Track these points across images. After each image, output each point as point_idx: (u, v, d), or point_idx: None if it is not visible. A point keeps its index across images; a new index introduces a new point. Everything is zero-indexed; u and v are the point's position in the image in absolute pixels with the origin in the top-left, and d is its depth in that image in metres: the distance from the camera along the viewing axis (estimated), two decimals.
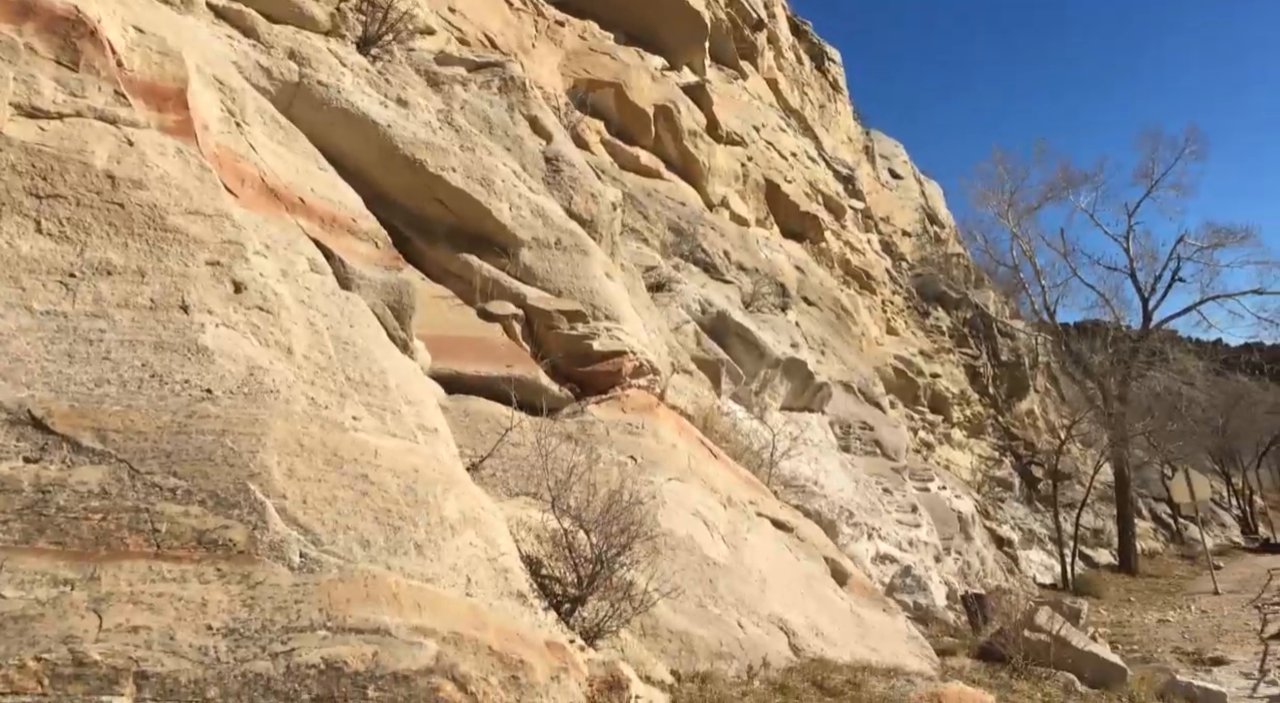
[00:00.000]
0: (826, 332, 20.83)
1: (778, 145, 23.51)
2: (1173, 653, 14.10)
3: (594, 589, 5.40)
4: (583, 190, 9.20)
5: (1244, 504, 45.45)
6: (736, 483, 7.61)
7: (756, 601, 6.58)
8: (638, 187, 18.49)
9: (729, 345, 15.02)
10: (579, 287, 7.22)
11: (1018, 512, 26.98)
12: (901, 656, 7.55)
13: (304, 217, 5.57)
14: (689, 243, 18.37)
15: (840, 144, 28.47)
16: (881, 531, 15.89)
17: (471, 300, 6.76)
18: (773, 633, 6.41)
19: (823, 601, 7.36)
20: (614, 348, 6.95)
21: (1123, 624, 18.48)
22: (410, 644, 4.03)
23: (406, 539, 4.40)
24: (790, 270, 21.33)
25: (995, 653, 8.47)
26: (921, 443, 24.61)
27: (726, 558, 6.70)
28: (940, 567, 16.86)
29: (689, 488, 6.84)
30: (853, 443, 17.84)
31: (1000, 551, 22.44)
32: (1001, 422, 30.19)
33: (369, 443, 4.65)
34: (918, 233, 32.26)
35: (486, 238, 7.05)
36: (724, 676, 5.68)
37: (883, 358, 23.55)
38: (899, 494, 17.10)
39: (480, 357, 6.42)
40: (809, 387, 17.02)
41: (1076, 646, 9.28)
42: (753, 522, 7.29)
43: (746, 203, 21.80)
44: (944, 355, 27.55)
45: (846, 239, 25.39)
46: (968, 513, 19.58)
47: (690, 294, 15.08)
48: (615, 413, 6.84)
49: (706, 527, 6.72)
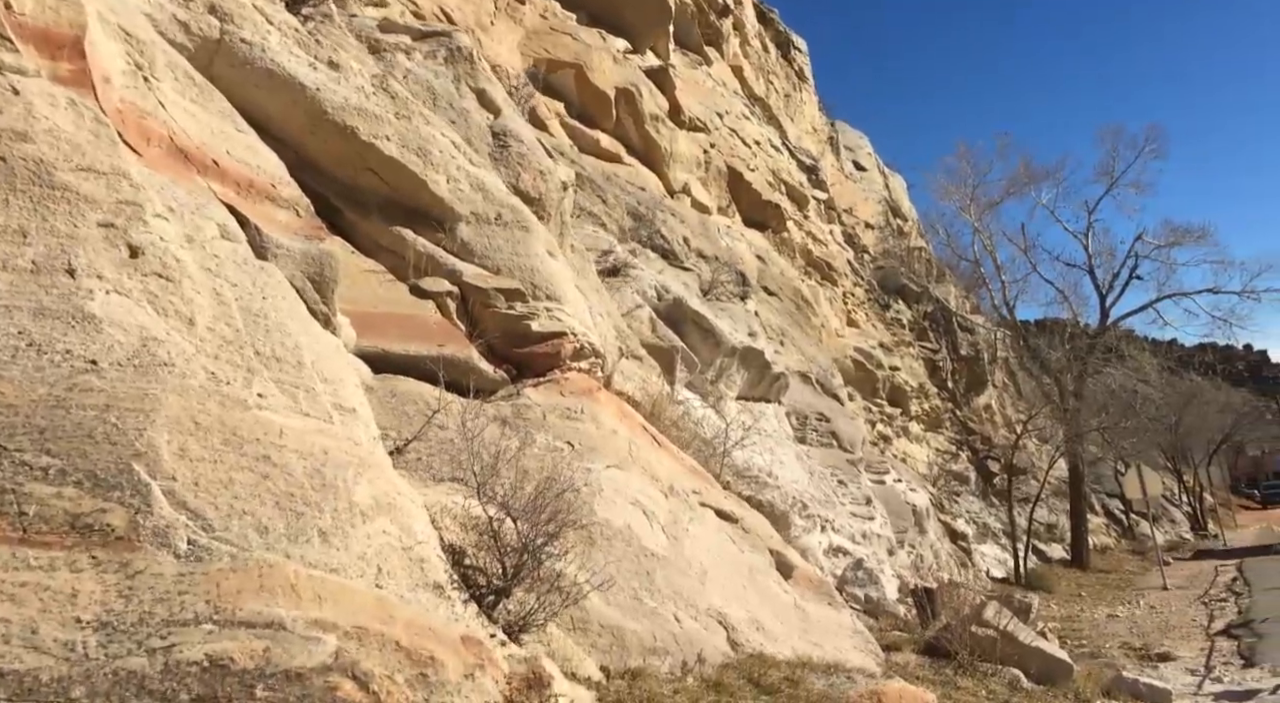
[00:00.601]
0: (786, 322, 20.68)
1: (741, 133, 23.28)
2: (1120, 649, 14.12)
3: (520, 581, 5.12)
4: (531, 167, 8.88)
5: (1194, 501, 46.26)
6: (680, 472, 7.36)
7: (696, 593, 6.34)
8: (597, 170, 18.17)
9: (685, 333, 14.77)
10: (519, 264, 6.91)
11: (973, 506, 27.09)
12: (845, 651, 7.36)
13: (217, 180, 5.21)
14: (648, 229, 18.10)
15: (805, 134, 28.31)
16: (835, 523, 15.76)
17: (404, 276, 6.43)
18: (711, 627, 6.18)
19: (766, 594, 7.14)
20: (553, 329, 6.66)
21: (1073, 619, 18.56)
22: (307, 640, 3.73)
23: (310, 526, 4.09)
24: (751, 259, 21.13)
25: (941, 649, 8.32)
26: (879, 436, 24.58)
27: (666, 549, 6.44)
28: (893, 560, 16.79)
29: (629, 476, 6.57)
30: (809, 434, 17.70)
31: (955, 544, 22.50)
32: (959, 416, 30.30)
33: (274, 422, 4.33)
34: (880, 225, 32.24)
35: (422, 211, 6.72)
36: (656, 672, 5.43)
37: (842, 350, 23.46)
38: (854, 487, 16.99)
39: (410, 335, 6.09)
40: (766, 376, 16.83)
41: (1023, 641, 9.17)
42: (695, 512, 7.05)
43: (708, 190, 21.55)
44: (904, 349, 27.55)
45: (809, 230, 25.25)
46: (922, 506, 19.56)
47: (646, 280, 14.80)
48: (553, 397, 6.55)
49: (646, 517, 6.46)
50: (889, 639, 8.88)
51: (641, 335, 13.67)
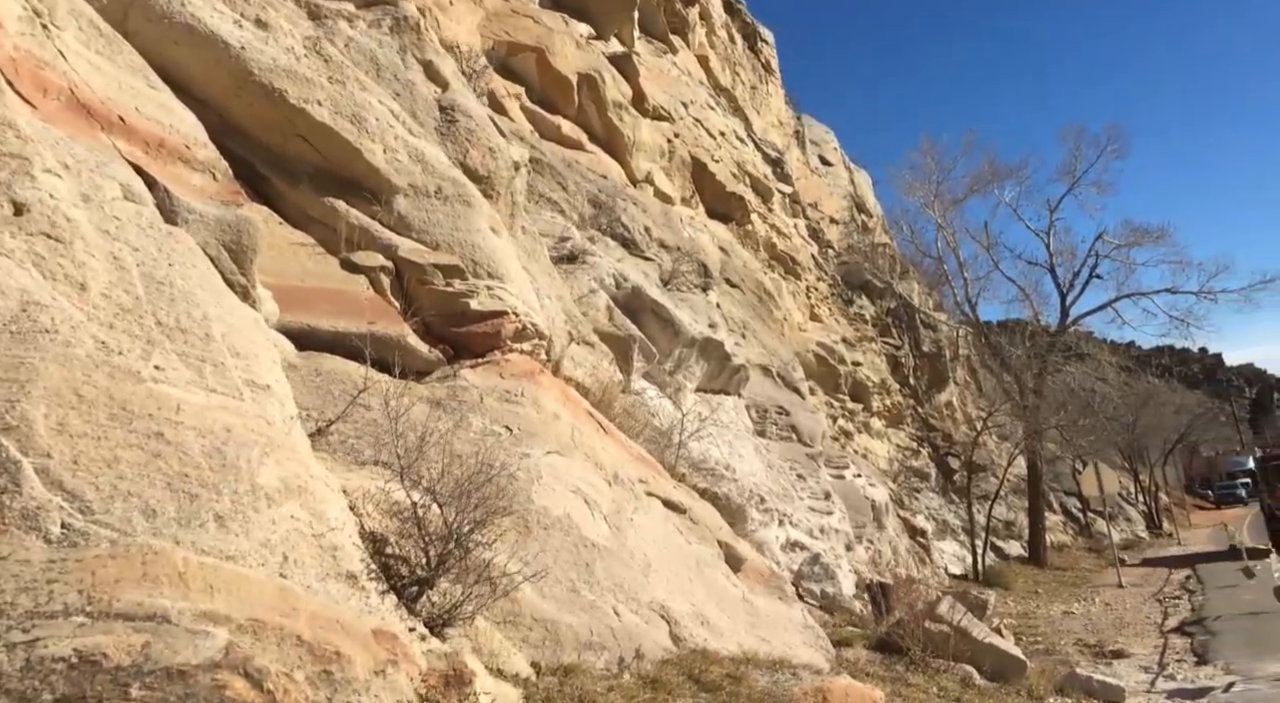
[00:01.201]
0: (748, 314, 20.47)
1: (706, 123, 23.02)
2: (1075, 645, 14.07)
3: (445, 571, 4.81)
4: (480, 144, 8.54)
5: (1150, 500, 46.84)
6: (627, 460, 7.07)
7: (638, 586, 6.06)
8: (558, 157, 17.82)
9: (643, 322, 14.49)
10: (459, 240, 6.57)
11: (933, 502, 27.10)
12: (794, 647, 7.13)
13: (123, 138, 4.83)
14: (608, 217, 17.79)
15: (770, 127, 28.12)
16: (793, 517, 15.57)
17: (336, 249, 6.07)
18: (653, 621, 5.90)
19: (713, 587, 6.88)
20: (494, 308, 6.33)
21: (1028, 616, 18.56)
22: (194, 634, 3.40)
23: (205, 510, 3.75)
24: (713, 250, 20.89)
25: (893, 645, 8.12)
26: (840, 431, 24.49)
27: (608, 540, 6.16)
28: (851, 555, 16.64)
29: (570, 463, 6.27)
30: (769, 428, 17.50)
31: (913, 540, 22.44)
32: (921, 412, 30.32)
33: (171, 396, 3.98)
34: (845, 220, 32.15)
35: (357, 182, 6.35)
36: (591, 668, 5.14)
37: (804, 344, 23.31)
38: (813, 481, 16.81)
39: (340, 311, 5.74)
40: (726, 368, 16.60)
41: (976, 638, 9.01)
42: (641, 502, 6.77)
43: (672, 180, 21.27)
44: (866, 344, 27.48)
45: (773, 223, 25.06)
46: (882, 502, 19.45)
47: (605, 268, 14.49)
48: (492, 379, 6.23)
49: (587, 505, 6.17)
50: (841, 635, 8.67)
51: (598, 323, 13.36)
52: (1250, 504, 63.25)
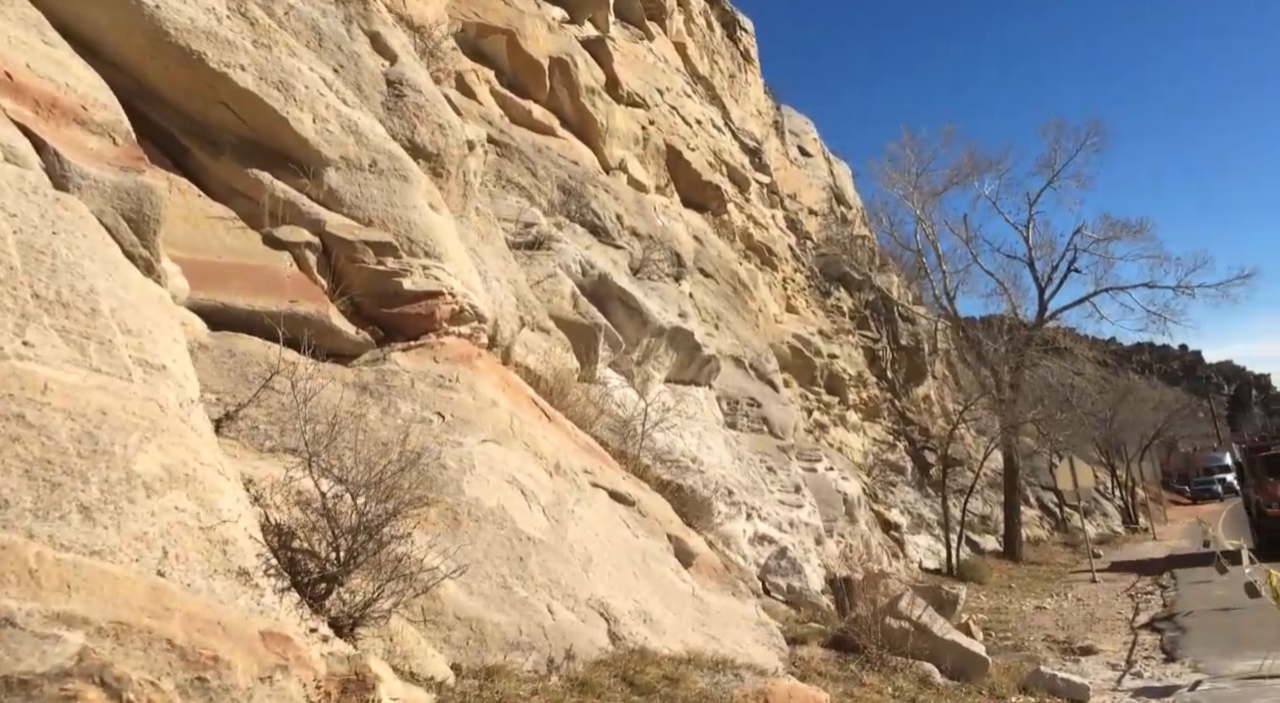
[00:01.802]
0: (722, 305, 20.18)
1: (682, 111, 22.67)
2: (1044, 641, 13.88)
3: (358, 566, 4.49)
4: (429, 120, 8.18)
5: (1126, 495, 46.95)
6: (571, 449, 6.76)
7: (576, 582, 5.75)
8: (527, 142, 17.45)
9: (610, 311, 14.17)
10: (395, 216, 6.22)
11: (908, 496, 26.95)
12: (745, 645, 6.84)
13: (9, 96, 4.46)
14: (579, 204, 17.45)
15: (749, 116, 27.81)
16: (762, 510, 15.30)
17: (259, 224, 5.71)
18: (590, 619, 5.59)
19: (659, 583, 6.58)
20: (428, 288, 5.99)
21: (1000, 611, 18.39)
22: (43, 638, 3.06)
23: (68, 500, 3.40)
24: (688, 240, 20.57)
25: (850, 643, 7.84)
26: (816, 424, 24.27)
27: (546, 533, 5.84)
28: (821, 549, 16.40)
29: (508, 452, 5.95)
30: (740, 419, 17.23)
31: (887, 534, 22.26)
32: (898, 406, 30.16)
33: (38, 375, 3.62)
34: (824, 212, 31.89)
35: (284, 153, 5.99)
36: (518, 670, 4.83)
37: (780, 335, 23.05)
38: (783, 474, 16.55)
39: (258, 288, 5.39)
40: (696, 359, 16.31)
41: (938, 634, 8.77)
42: (584, 493, 6.46)
43: (646, 168, 20.92)
44: (843, 337, 27.25)
45: (750, 213, 24.76)
46: (854, 495, 19.23)
47: (571, 254, 14.16)
48: (425, 362, 5.90)
49: (524, 497, 5.85)
50: (798, 632, 8.40)
51: (561, 311, 13.03)
52: (1226, 500, 63.79)
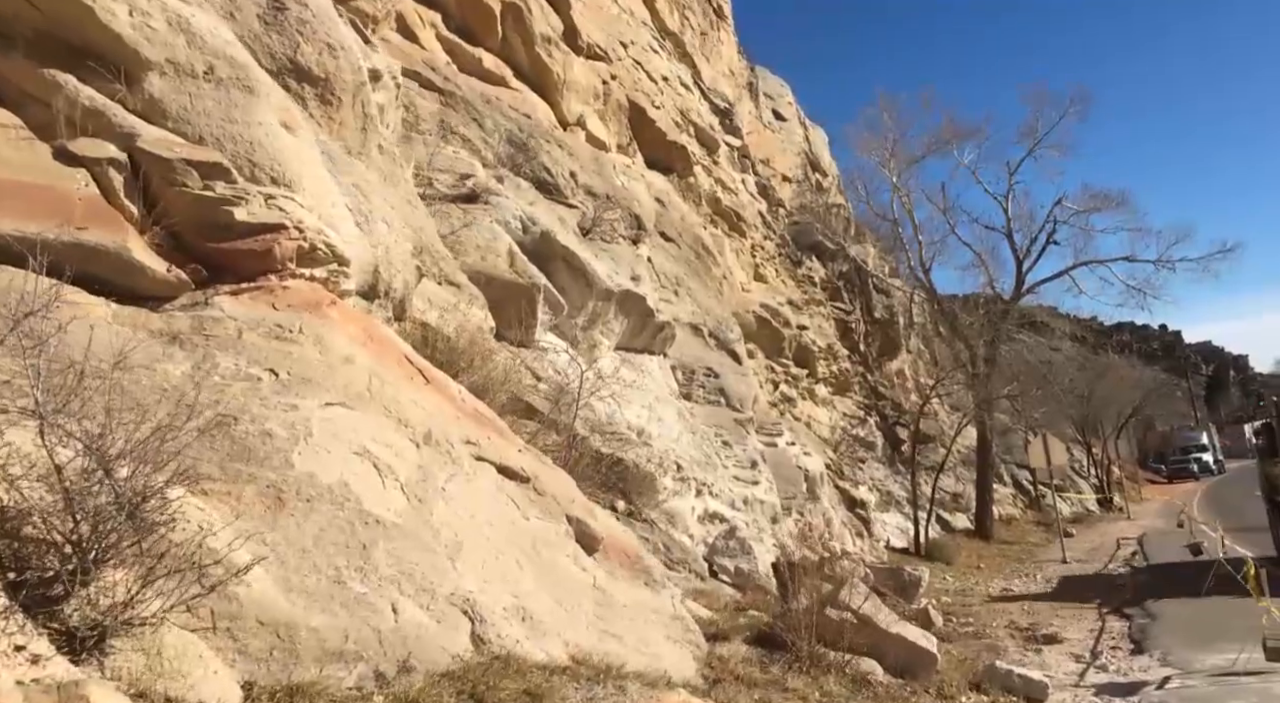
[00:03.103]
0: (683, 270, 19.22)
1: (647, 67, 21.57)
2: (1007, 628, 13.12)
3: (107, 559, 3.53)
4: (316, 39, 7.14)
5: (1101, 473, 46.51)
6: (452, 417, 5.80)
7: (438, 574, 4.82)
8: (475, 92, 16.36)
9: (553, 271, 13.21)
10: (234, 135, 5.22)
11: (878, 473, 26.20)
12: (651, 644, 5.95)
13: None
14: (529, 159, 16.41)
15: (721, 76, 26.68)
16: (714, 487, 14.46)
17: (53, 135, 4.72)
18: (449, 619, 4.67)
19: (551, 573, 5.66)
20: (268, 220, 4.99)
21: (965, 593, 17.67)
22: None
23: None
24: (649, 201, 19.56)
25: (778, 638, 6.97)
26: (782, 397, 23.43)
27: (403, 515, 4.90)
28: (777, 528, 15.58)
29: (361, 418, 4.99)
30: (695, 390, 16.33)
31: (852, 512, 21.51)
32: (870, 380, 29.36)
33: None
34: (799, 179, 30.86)
35: (94, 52, 4.97)
36: (332, 687, 3.90)
37: (747, 304, 22.13)
38: (739, 448, 15.69)
39: (37, 211, 4.39)
40: (649, 325, 15.37)
41: (882, 627, 7.92)
42: (462, 468, 5.51)
43: (606, 125, 19.86)
44: (814, 307, 26.37)
45: (718, 176, 23.74)
46: (816, 471, 18.41)
47: (511, 209, 13.15)
48: (260, 309, 4.92)
49: (377, 471, 4.91)
50: (725, 625, 7.51)
51: (496, 269, 12.08)
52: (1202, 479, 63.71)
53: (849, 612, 8.03)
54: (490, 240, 12.20)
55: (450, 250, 11.93)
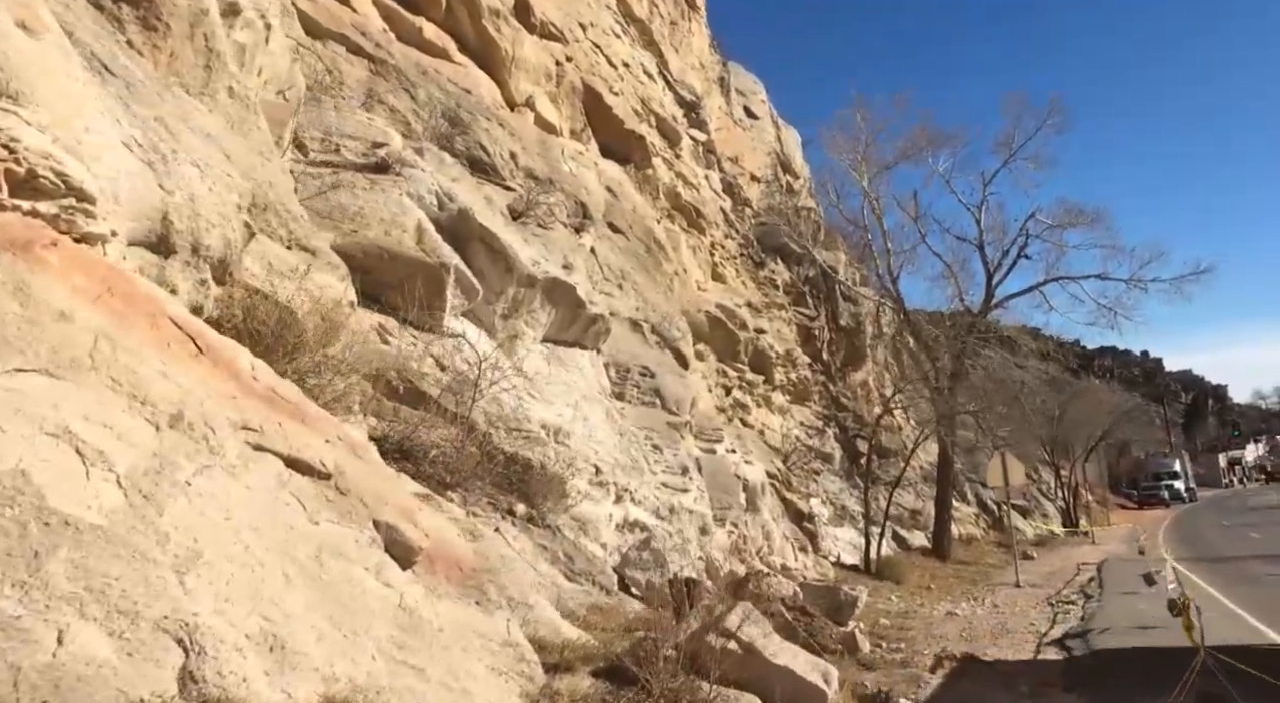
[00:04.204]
0: (630, 264, 18.28)
1: (607, 51, 20.63)
2: (936, 654, 12.22)
3: None
4: None
5: (1069, 495, 45.84)
6: (223, 396, 4.83)
7: (152, 591, 3.84)
8: (411, 63, 15.39)
9: (470, 252, 12.24)
10: None
11: (833, 485, 25.33)
12: (464, 678, 4.99)
13: None
14: (466, 137, 15.46)
15: (690, 69, 25.76)
16: (638, 493, 13.53)
17: None
18: (147, 650, 3.68)
19: (335, 590, 4.69)
20: None
21: (907, 615, 16.77)
22: None
23: None
24: (598, 190, 18.62)
25: (627, 672, 6.03)
26: (735, 402, 22.53)
27: (112, 515, 3.93)
28: (707, 540, 14.66)
29: (68, 390, 4.02)
30: (629, 390, 15.39)
31: (799, 525, 20.62)
32: (832, 390, 28.50)
33: None
34: (768, 179, 29.95)
35: None
36: None
37: (700, 303, 21.22)
38: (670, 452, 14.76)
39: None
40: (580, 318, 14.42)
41: (768, 658, 7.00)
42: (223, 458, 4.55)
43: (558, 108, 18.91)
44: (775, 311, 25.47)
45: (680, 170, 22.82)
46: (757, 481, 17.50)
47: (426, 184, 12.20)
48: None
49: (81, 458, 3.93)
50: (584, 653, 6.55)
51: (400, 246, 11.12)
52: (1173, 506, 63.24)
53: (734, 640, 7.11)
54: (397, 214, 11.24)
55: (349, 222, 10.99)
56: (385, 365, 10.49)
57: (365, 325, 10.47)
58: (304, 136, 11.46)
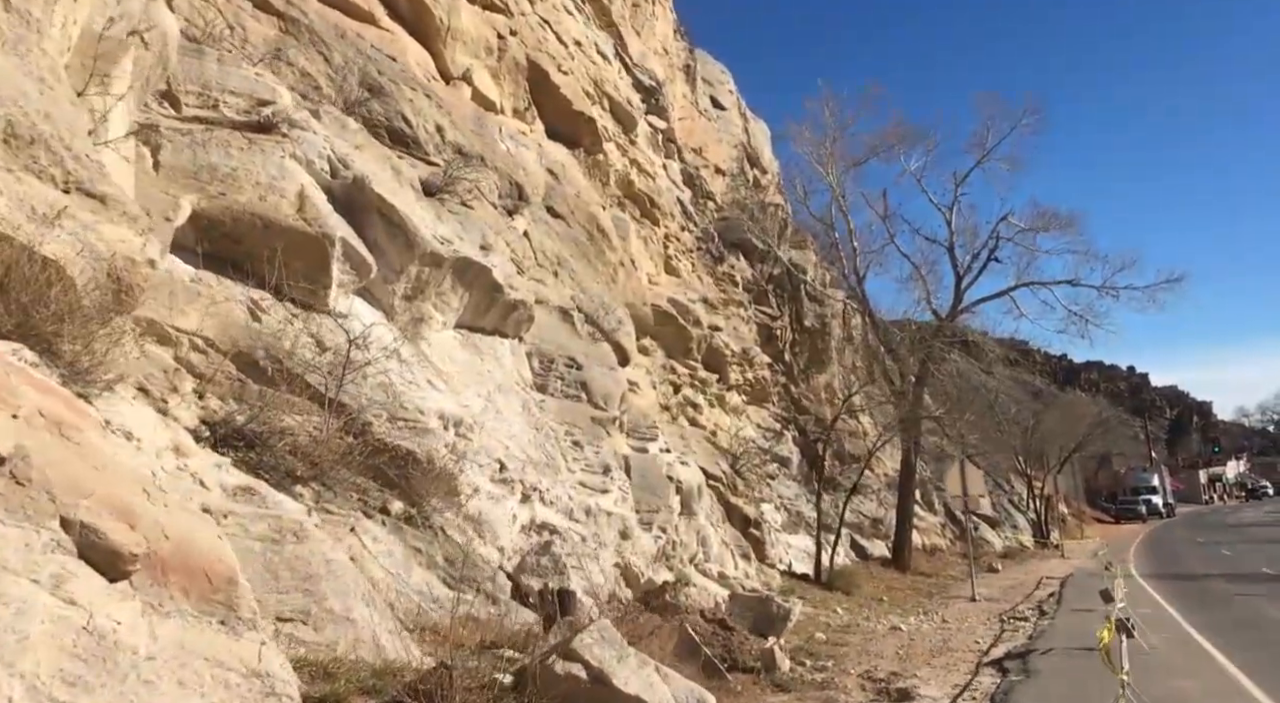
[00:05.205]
0: (569, 251, 17.25)
1: (557, 27, 19.59)
2: (860, 677, 11.26)
3: None
4: None
5: (1041, 507, 44.93)
6: None
7: None
8: (328, 24, 14.34)
9: (365, 224, 11.17)
10: None
11: (788, 491, 24.33)
12: None
13: None
14: (386, 106, 14.41)
15: (651, 53, 24.73)
16: (549, 492, 12.50)
17: None
18: None
19: None
20: None
21: (848, 630, 15.79)
22: None
23: None
24: (538, 172, 17.59)
25: None
26: (686, 401, 21.51)
27: None
28: (629, 544, 13.64)
29: None
30: (552, 382, 14.35)
31: (745, 532, 19.60)
32: (793, 392, 27.51)
33: None
34: (734, 172, 28.93)
35: None
36: None
37: (648, 296, 20.18)
38: (592, 450, 13.74)
39: None
40: (498, 303, 13.38)
41: (618, 687, 5.96)
42: None
43: (500, 84, 17.87)
44: (733, 308, 24.47)
45: (634, 157, 21.79)
46: (693, 484, 16.47)
47: (316, 147, 11.15)
48: None
49: None
50: (388, 679, 5.51)
51: (276, 213, 10.04)
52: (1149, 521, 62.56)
53: (582, 666, 6.09)
54: (275, 178, 10.16)
55: (218, 184, 9.91)
56: (252, 344, 9.46)
57: (227, 298, 9.45)
58: (177, 90, 10.37)
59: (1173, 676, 10.71)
